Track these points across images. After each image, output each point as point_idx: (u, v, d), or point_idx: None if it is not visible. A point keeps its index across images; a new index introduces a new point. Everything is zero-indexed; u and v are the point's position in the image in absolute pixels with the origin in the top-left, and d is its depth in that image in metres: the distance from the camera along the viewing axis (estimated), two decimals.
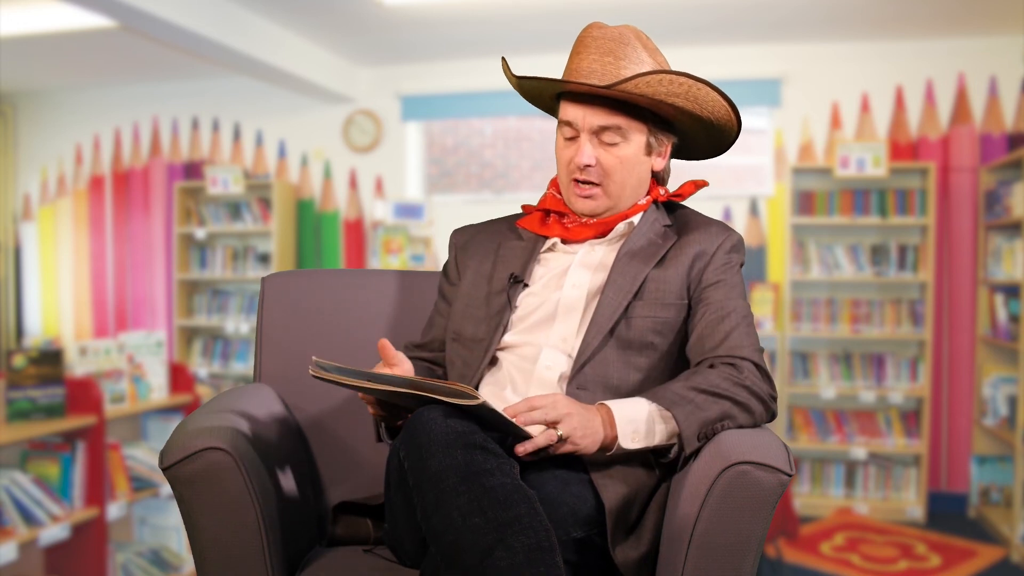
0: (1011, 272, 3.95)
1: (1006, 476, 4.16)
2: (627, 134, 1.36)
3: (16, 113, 5.95)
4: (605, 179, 1.38)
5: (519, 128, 6.17)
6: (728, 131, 1.40)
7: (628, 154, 1.37)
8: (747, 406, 1.26)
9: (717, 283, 1.37)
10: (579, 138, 1.37)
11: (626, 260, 1.38)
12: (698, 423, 1.22)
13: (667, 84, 1.30)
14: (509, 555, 1.01)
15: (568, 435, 1.19)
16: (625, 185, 1.39)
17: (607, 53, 1.34)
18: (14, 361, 2.73)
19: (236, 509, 1.21)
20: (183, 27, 3.69)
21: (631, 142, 1.37)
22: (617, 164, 1.37)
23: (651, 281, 1.37)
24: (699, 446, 1.23)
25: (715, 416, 1.23)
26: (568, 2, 3.86)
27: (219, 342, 5.31)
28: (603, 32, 1.36)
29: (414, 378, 1.17)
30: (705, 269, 1.38)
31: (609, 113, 1.35)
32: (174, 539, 3.27)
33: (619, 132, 1.36)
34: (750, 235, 4.67)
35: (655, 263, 1.38)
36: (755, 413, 1.27)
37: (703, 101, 1.34)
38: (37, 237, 5.97)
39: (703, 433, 1.23)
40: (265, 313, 1.64)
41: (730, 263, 1.39)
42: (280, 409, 1.53)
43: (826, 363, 4.46)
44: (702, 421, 1.23)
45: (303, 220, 5.39)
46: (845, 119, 4.59)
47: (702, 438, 1.23)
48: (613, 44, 1.35)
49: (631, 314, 1.34)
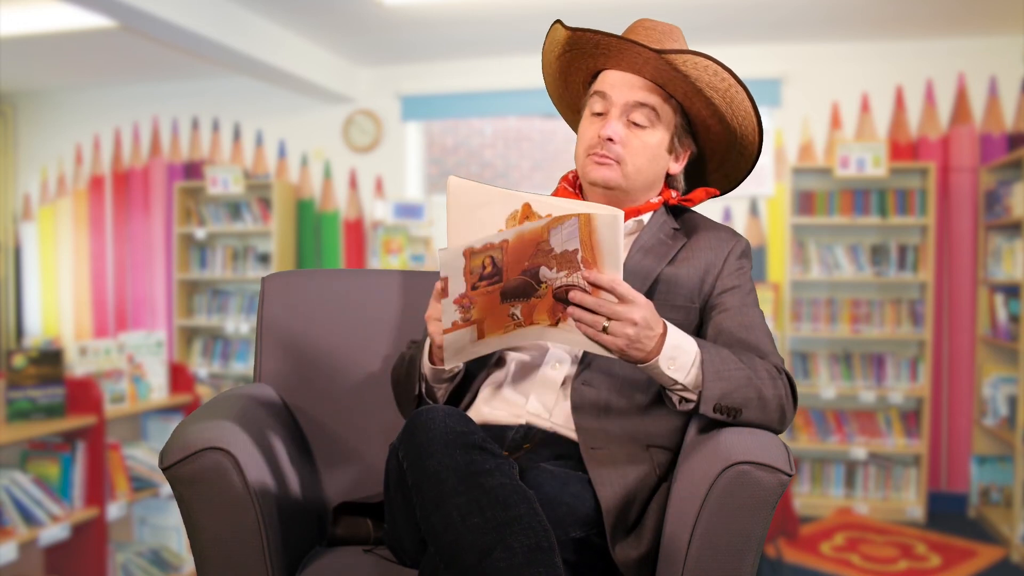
0: (1011, 272, 3.95)
1: (1006, 476, 4.16)
2: (656, 121, 1.35)
3: (16, 113, 5.95)
4: (624, 158, 1.35)
5: (519, 128, 6.17)
6: (747, 155, 1.40)
7: (652, 142, 1.36)
8: (767, 409, 1.24)
9: (733, 288, 1.37)
10: (608, 114, 1.36)
11: (639, 257, 1.37)
12: (720, 391, 1.20)
13: (711, 73, 1.30)
14: (508, 555, 1.01)
15: (615, 335, 1.15)
16: (641, 172, 1.37)
17: (655, 42, 1.34)
18: (14, 361, 2.73)
19: (236, 509, 1.21)
20: (183, 27, 3.69)
21: (657, 131, 1.36)
22: (640, 146, 1.35)
23: (661, 281, 1.36)
24: (712, 415, 1.21)
25: (739, 397, 1.21)
26: (568, 2, 3.86)
27: (219, 342, 5.31)
28: (654, 25, 1.37)
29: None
30: (719, 276, 1.37)
31: (647, 91, 1.34)
32: (174, 539, 3.27)
33: (650, 115, 1.35)
34: (750, 235, 4.67)
35: (667, 262, 1.37)
36: (769, 419, 1.25)
37: (736, 107, 1.33)
38: (37, 237, 5.97)
39: (722, 406, 1.21)
40: (265, 313, 1.64)
41: (742, 268, 1.39)
42: (280, 409, 1.53)
43: (826, 363, 4.46)
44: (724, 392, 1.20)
45: (303, 220, 5.39)
46: (845, 119, 4.59)
47: (718, 409, 1.21)
48: (662, 36, 1.35)
49: None
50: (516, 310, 1.20)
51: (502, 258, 1.17)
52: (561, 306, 1.17)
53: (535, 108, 5.22)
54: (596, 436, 1.29)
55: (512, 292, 1.18)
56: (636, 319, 1.15)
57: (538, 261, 1.16)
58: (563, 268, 1.15)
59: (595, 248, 1.12)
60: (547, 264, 1.15)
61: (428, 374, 1.37)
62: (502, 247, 1.16)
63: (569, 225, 1.11)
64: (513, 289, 1.18)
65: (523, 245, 1.15)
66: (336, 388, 1.60)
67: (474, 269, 1.18)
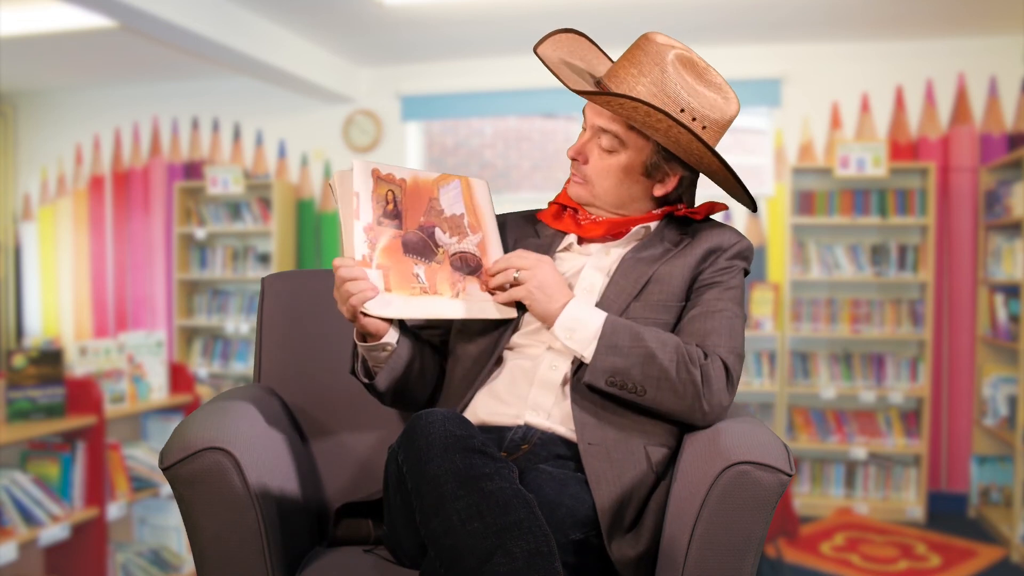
0: (1011, 272, 3.95)
1: (1006, 476, 4.16)
2: (620, 147, 1.35)
3: (16, 113, 5.95)
4: (590, 179, 1.39)
5: (519, 128, 6.17)
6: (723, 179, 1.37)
7: (617, 165, 1.37)
8: (678, 389, 1.26)
9: (713, 284, 1.36)
10: (582, 134, 1.40)
11: (633, 260, 1.38)
12: (610, 369, 1.26)
13: (643, 114, 1.28)
14: (508, 560, 1.01)
15: (525, 282, 1.31)
16: (609, 192, 1.39)
17: (634, 64, 1.32)
18: (14, 361, 2.73)
19: (236, 509, 1.21)
20: (183, 27, 3.69)
21: (622, 156, 1.36)
22: (603, 169, 1.37)
23: (654, 283, 1.36)
24: (603, 388, 1.27)
25: (636, 375, 1.26)
26: (569, 3, 3.86)
27: (219, 342, 5.31)
28: (646, 42, 1.34)
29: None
30: (703, 271, 1.37)
31: (610, 120, 1.34)
32: (174, 539, 3.27)
33: (613, 142, 1.35)
34: (750, 235, 4.67)
35: (661, 262, 1.37)
36: (684, 401, 1.26)
37: (683, 146, 1.31)
38: (37, 237, 5.97)
39: (612, 380, 1.27)
40: (265, 313, 1.64)
41: (732, 268, 1.38)
42: (280, 409, 1.53)
43: (826, 363, 4.46)
44: (615, 369, 1.26)
45: (303, 220, 5.39)
46: (845, 119, 4.59)
47: (610, 385, 1.27)
48: (644, 57, 1.32)
49: (631, 315, 1.34)
50: (420, 270, 1.30)
51: (401, 200, 1.30)
52: (459, 275, 1.33)
53: (535, 108, 5.22)
54: (594, 434, 1.29)
55: (413, 247, 1.31)
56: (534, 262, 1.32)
57: (432, 220, 1.33)
58: (455, 234, 1.33)
59: (478, 213, 1.36)
60: (440, 226, 1.33)
61: (362, 352, 1.36)
62: (401, 185, 1.31)
63: (453, 187, 1.31)
64: (414, 244, 1.31)
65: (418, 192, 1.33)
66: (336, 388, 1.59)
67: (379, 197, 1.29)
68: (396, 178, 1.30)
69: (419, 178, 1.32)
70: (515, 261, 1.32)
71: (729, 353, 1.30)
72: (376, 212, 1.28)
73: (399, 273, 1.29)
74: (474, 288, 1.34)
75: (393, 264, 1.29)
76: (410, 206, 1.31)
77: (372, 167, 1.29)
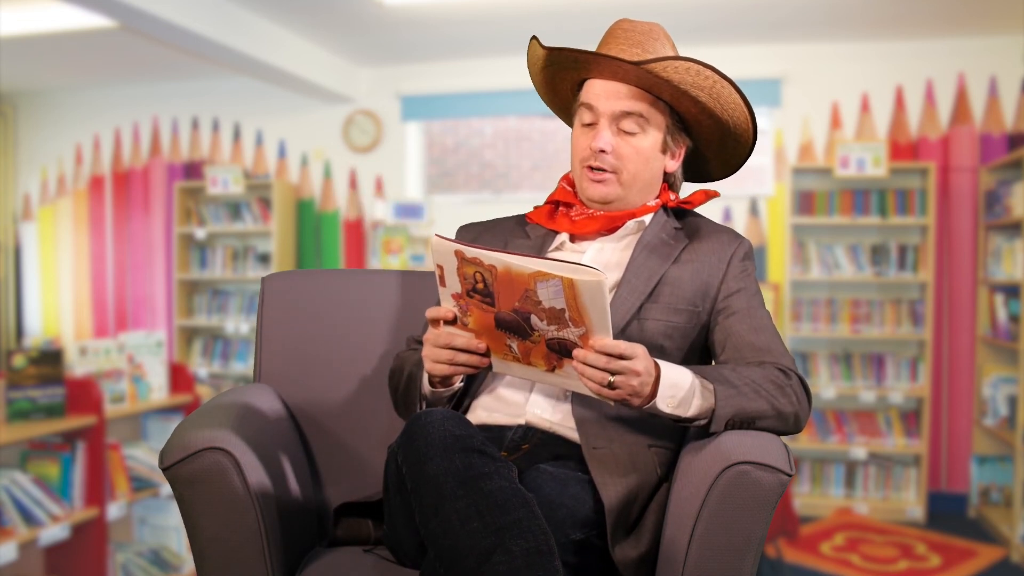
0: (1011, 272, 3.95)
1: (1006, 476, 4.16)
2: (646, 125, 1.35)
3: (16, 113, 5.95)
4: (619, 167, 1.36)
5: (519, 128, 6.17)
6: (743, 142, 1.39)
7: (645, 146, 1.36)
8: (783, 414, 1.25)
9: (739, 291, 1.37)
10: (598, 124, 1.36)
11: (642, 258, 1.37)
12: (734, 408, 1.21)
13: (694, 74, 1.29)
14: (508, 559, 1.01)
15: (620, 388, 1.16)
16: (638, 177, 1.38)
17: (635, 45, 1.34)
18: (14, 361, 2.73)
19: (236, 509, 1.21)
20: (183, 27, 3.69)
21: (649, 135, 1.36)
22: (633, 153, 1.36)
23: (665, 284, 1.36)
24: (724, 430, 1.21)
25: (752, 410, 1.22)
26: (569, 2, 3.86)
27: (219, 342, 5.31)
28: (632, 26, 1.36)
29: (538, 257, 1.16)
30: (724, 280, 1.38)
31: (632, 99, 1.34)
32: (174, 539, 3.27)
33: (639, 121, 1.35)
34: (750, 235, 4.67)
35: (671, 262, 1.37)
36: (788, 423, 1.26)
37: (725, 101, 1.33)
38: (37, 237, 5.97)
39: (736, 420, 1.21)
40: (265, 313, 1.64)
41: (746, 270, 1.40)
42: (280, 409, 1.53)
43: (826, 363, 4.46)
44: (739, 408, 1.21)
45: (303, 220, 5.39)
46: (845, 119, 4.59)
47: (731, 425, 1.21)
48: (642, 37, 1.35)
49: (644, 316, 1.34)
50: (513, 344, 1.21)
51: (492, 283, 1.17)
52: (555, 355, 1.19)
53: (535, 108, 5.18)
54: (598, 436, 1.29)
55: (507, 325, 1.19)
56: (639, 370, 1.16)
57: (528, 308, 1.16)
58: (552, 323, 1.15)
59: (582, 310, 1.12)
60: (537, 315, 1.16)
61: (428, 395, 1.36)
62: (491, 271, 1.16)
63: (553, 284, 1.12)
64: (508, 322, 1.19)
65: (511, 282, 1.15)
66: (336, 388, 1.60)
67: (467, 276, 1.18)
68: (484, 263, 1.16)
69: (512, 269, 1.14)
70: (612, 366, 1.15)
71: (791, 362, 1.31)
72: (464, 287, 1.20)
73: (493, 342, 1.23)
74: (571, 369, 1.19)
75: (485, 332, 1.23)
76: (503, 292, 1.17)
77: (455, 249, 1.17)
